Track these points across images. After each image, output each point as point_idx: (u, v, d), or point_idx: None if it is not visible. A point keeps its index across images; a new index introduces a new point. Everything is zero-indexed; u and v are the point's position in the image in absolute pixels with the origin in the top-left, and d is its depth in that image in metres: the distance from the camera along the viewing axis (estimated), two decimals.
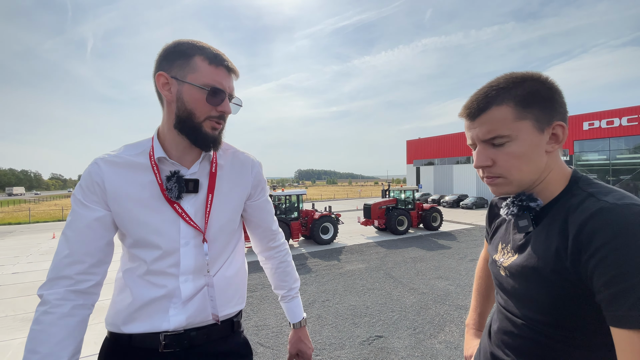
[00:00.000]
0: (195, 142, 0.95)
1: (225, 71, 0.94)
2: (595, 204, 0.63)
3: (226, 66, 0.94)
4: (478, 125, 0.74)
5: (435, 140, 37.00)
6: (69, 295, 0.86)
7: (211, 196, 1.01)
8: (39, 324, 0.82)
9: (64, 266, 0.87)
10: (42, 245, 13.09)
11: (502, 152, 0.72)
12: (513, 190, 0.76)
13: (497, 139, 0.71)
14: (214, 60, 0.91)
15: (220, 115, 0.95)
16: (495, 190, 0.77)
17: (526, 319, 0.73)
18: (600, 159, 23.84)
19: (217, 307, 0.99)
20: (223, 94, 0.93)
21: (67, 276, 0.86)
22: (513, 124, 0.70)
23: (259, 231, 1.20)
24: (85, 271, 0.89)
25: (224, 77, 0.94)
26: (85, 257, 0.89)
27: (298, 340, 1.24)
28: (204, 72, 0.90)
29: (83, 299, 0.88)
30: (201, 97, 0.91)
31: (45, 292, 0.85)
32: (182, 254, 0.96)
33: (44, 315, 0.82)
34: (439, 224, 14.69)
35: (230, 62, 0.96)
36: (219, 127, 0.97)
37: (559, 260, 0.65)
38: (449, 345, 4.37)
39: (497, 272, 0.84)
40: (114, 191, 0.93)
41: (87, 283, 0.89)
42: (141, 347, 0.94)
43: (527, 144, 0.70)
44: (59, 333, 0.82)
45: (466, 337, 1.12)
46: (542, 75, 0.72)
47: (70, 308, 0.85)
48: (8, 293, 6.95)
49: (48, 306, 0.83)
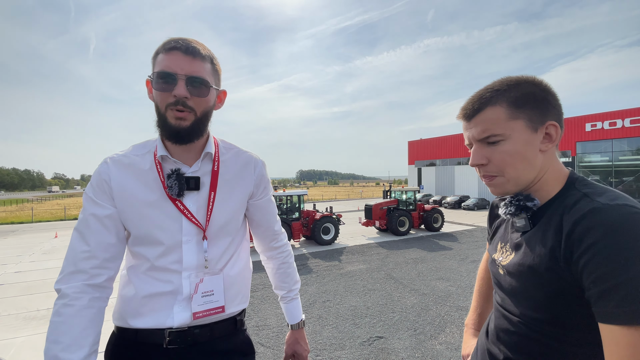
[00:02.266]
0: (167, 136, 0.94)
1: (179, 54, 0.89)
2: (588, 204, 0.65)
3: (179, 48, 0.89)
4: (474, 126, 0.77)
5: (437, 141, 36.94)
6: (86, 288, 0.89)
7: (213, 194, 1.02)
8: (59, 316, 0.84)
9: (80, 261, 0.90)
10: (44, 244, 13.13)
11: (497, 151, 0.75)
12: (511, 188, 0.77)
13: (491, 137, 0.74)
14: (166, 46, 0.90)
15: (176, 100, 0.89)
16: (494, 190, 0.79)
17: (522, 317, 0.75)
18: (602, 160, 23.74)
19: (222, 300, 1.01)
20: (172, 76, 0.88)
21: (83, 270, 0.89)
22: (506, 124, 0.73)
23: (261, 230, 1.20)
24: (100, 265, 0.92)
25: (176, 60, 0.88)
26: (99, 252, 0.92)
27: (295, 342, 1.25)
28: (159, 62, 0.90)
29: (99, 292, 0.91)
30: (154, 86, 0.91)
31: (62, 286, 0.88)
32: (185, 251, 0.98)
33: (64, 308, 0.85)
34: (440, 225, 14.67)
35: (191, 44, 0.90)
36: (182, 115, 0.91)
37: (553, 258, 0.67)
38: (449, 347, 4.36)
39: (495, 271, 0.86)
40: (119, 189, 0.96)
41: (102, 277, 0.92)
42: (146, 342, 0.96)
43: (521, 143, 0.73)
44: (79, 324, 0.85)
45: (465, 336, 1.13)
46: (537, 78, 0.75)
47: (88, 300, 0.88)
48: (10, 292, 6.99)
49: (67, 299, 0.86)
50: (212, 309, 1.00)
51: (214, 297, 1.00)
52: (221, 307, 1.01)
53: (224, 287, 1.03)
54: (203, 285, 0.99)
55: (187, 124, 0.92)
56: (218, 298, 1.01)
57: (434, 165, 37.01)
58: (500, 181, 0.77)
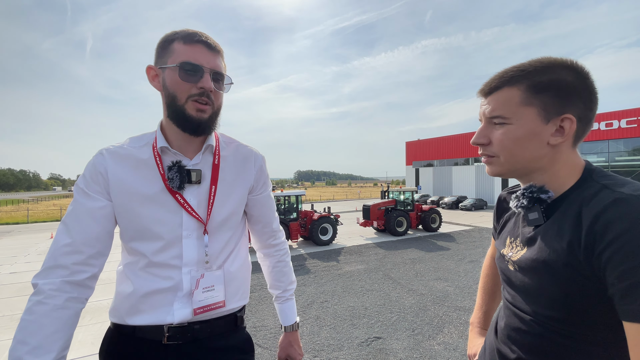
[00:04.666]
0: (183, 127, 0.93)
1: (203, 47, 0.91)
2: (610, 195, 0.61)
3: (203, 42, 0.90)
4: (487, 103, 0.75)
5: (434, 142, 37.05)
6: (64, 286, 0.83)
7: (214, 187, 1.00)
8: (31, 314, 0.79)
9: (62, 255, 0.85)
10: (40, 245, 13.03)
11: (499, 133, 0.73)
12: (503, 172, 0.76)
13: (498, 118, 0.72)
14: (188, 38, 0.90)
15: (201, 92, 0.90)
16: (488, 169, 0.79)
17: (535, 315, 0.71)
18: (599, 161, 23.88)
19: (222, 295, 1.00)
20: (200, 68, 0.89)
21: (64, 265, 0.84)
22: (516, 108, 0.70)
23: (259, 227, 1.18)
24: (83, 262, 0.87)
25: (201, 53, 0.90)
26: (84, 247, 0.87)
27: (288, 345, 1.22)
28: (180, 52, 0.89)
29: (78, 291, 0.86)
30: (177, 76, 0.89)
31: (40, 281, 0.82)
32: (185, 245, 0.96)
33: (37, 306, 0.80)
34: (438, 226, 14.69)
35: (210, 39, 0.92)
36: (204, 108, 0.92)
37: (571, 253, 0.63)
38: (447, 347, 4.36)
39: (504, 267, 0.82)
40: (116, 181, 0.92)
41: (84, 274, 0.87)
42: (145, 339, 0.94)
43: (525, 131, 0.70)
44: (50, 325, 0.79)
45: (470, 335, 1.10)
46: (575, 63, 0.68)
47: (64, 300, 0.82)
48: (5, 293, 6.92)
49: (42, 296, 0.81)
50: (213, 304, 0.98)
51: (214, 292, 0.98)
52: (222, 302, 1.00)
53: (224, 282, 1.01)
54: (204, 280, 0.97)
55: (206, 117, 0.93)
56: (219, 293, 0.99)
57: (431, 165, 37.11)
58: (495, 162, 0.76)
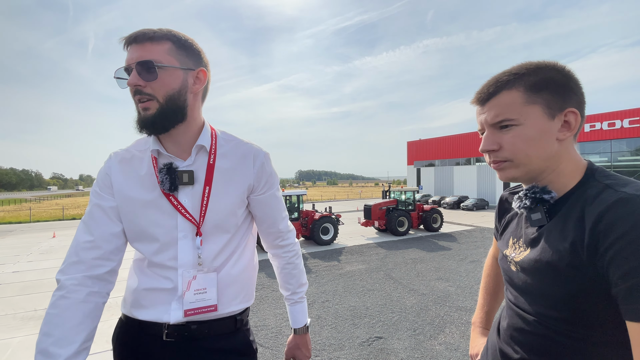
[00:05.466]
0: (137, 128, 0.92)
1: (132, 45, 0.88)
2: (613, 195, 0.61)
3: (131, 40, 0.87)
4: (487, 110, 0.74)
5: (436, 142, 36.99)
6: (86, 281, 0.88)
7: (208, 188, 0.99)
8: (55, 308, 0.84)
9: (82, 250, 0.90)
10: (42, 244, 13.08)
11: (509, 136, 0.71)
12: (519, 175, 0.74)
13: (505, 122, 0.71)
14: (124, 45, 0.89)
15: (135, 90, 0.88)
16: (501, 175, 0.76)
17: (538, 316, 0.71)
18: (601, 161, 23.78)
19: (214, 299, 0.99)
20: (127, 69, 0.88)
21: (84, 261, 0.89)
22: (521, 108, 0.70)
23: (264, 227, 1.15)
24: (102, 256, 0.92)
25: (129, 53, 0.88)
26: (102, 243, 0.92)
27: (295, 347, 1.22)
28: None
29: (98, 286, 0.91)
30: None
31: (62, 277, 0.88)
32: (180, 247, 0.97)
33: (61, 300, 0.85)
34: (439, 225, 14.67)
35: (141, 31, 0.87)
36: (146, 105, 0.88)
37: (575, 254, 0.63)
38: (449, 347, 4.35)
39: (507, 268, 0.82)
40: (117, 184, 0.98)
41: (103, 269, 0.92)
42: (148, 333, 0.98)
43: (535, 129, 0.69)
44: (73, 318, 0.84)
45: (472, 335, 1.11)
46: (558, 63, 0.71)
47: (85, 295, 0.87)
48: (8, 292, 6.96)
49: (65, 291, 0.86)
50: (204, 307, 0.97)
51: (206, 295, 0.98)
52: (213, 305, 0.98)
53: (219, 286, 1.00)
54: (196, 282, 0.97)
55: (151, 112, 0.88)
56: (211, 296, 0.98)
57: (433, 165, 37.04)
58: (509, 165, 0.73)
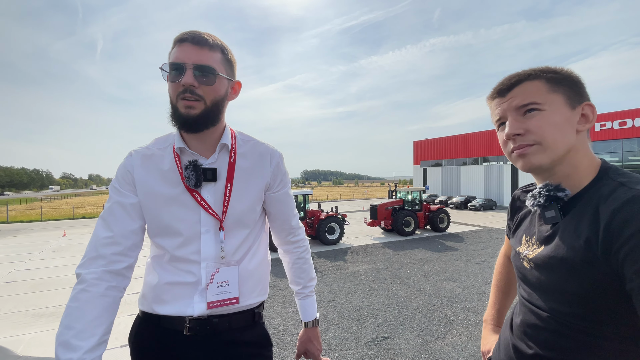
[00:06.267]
0: (179, 125, 0.96)
1: (189, 45, 0.92)
2: (627, 192, 0.62)
3: (189, 39, 0.92)
4: (511, 97, 0.76)
5: (442, 141, 36.73)
6: (105, 275, 0.91)
7: (230, 185, 1.04)
8: (75, 301, 0.86)
9: (102, 246, 0.93)
10: (53, 242, 13.30)
11: (536, 119, 0.73)
12: (545, 161, 0.72)
13: (532, 105, 0.73)
14: (178, 39, 0.94)
15: (184, 89, 0.91)
16: (525, 161, 0.74)
17: (552, 312, 0.72)
18: (612, 160, 23.38)
19: (236, 291, 1.03)
20: (181, 66, 0.91)
21: (104, 256, 0.92)
22: (547, 95, 0.72)
23: (277, 224, 1.20)
24: (121, 252, 0.95)
25: (185, 51, 0.91)
26: (121, 239, 0.95)
27: (307, 340, 1.25)
28: (171, 55, 0.94)
29: (117, 280, 0.93)
30: (167, 77, 0.94)
31: (83, 271, 0.90)
32: (203, 241, 1.01)
33: (81, 294, 0.87)
34: (446, 226, 14.58)
35: (201, 34, 0.93)
36: (192, 104, 0.92)
37: (589, 250, 0.64)
38: (456, 348, 4.32)
39: (520, 265, 0.83)
40: (141, 181, 1.00)
41: (121, 264, 0.94)
42: (168, 328, 1.00)
43: (560, 115, 0.72)
44: (93, 311, 0.86)
45: (484, 332, 1.11)
46: (565, 67, 0.76)
47: (104, 288, 0.90)
48: (20, 289, 7.09)
49: (85, 285, 0.88)
50: (226, 300, 1.01)
51: (228, 288, 1.02)
52: (235, 298, 1.03)
53: (239, 279, 1.04)
54: (219, 275, 1.01)
55: (196, 112, 0.93)
56: (233, 289, 1.03)
57: (439, 165, 36.79)
58: (537, 150, 0.72)
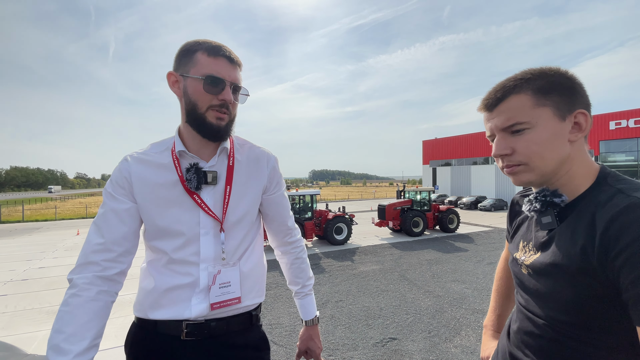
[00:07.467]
0: (203, 133, 1.00)
1: (225, 61, 0.97)
2: (624, 199, 0.60)
3: (226, 56, 0.97)
4: (496, 115, 0.74)
5: (452, 141, 36.31)
6: (96, 280, 0.91)
7: (229, 188, 1.06)
8: (66, 305, 0.87)
9: (93, 253, 0.93)
10: (67, 241, 13.62)
11: (522, 140, 0.71)
12: (534, 178, 0.73)
13: (516, 125, 0.71)
14: (212, 51, 0.96)
15: (222, 103, 0.97)
16: (515, 179, 0.75)
17: (548, 319, 0.71)
18: (627, 160, 22.77)
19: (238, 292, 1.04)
20: (222, 81, 0.96)
21: (95, 262, 0.93)
22: (532, 111, 0.69)
23: (274, 225, 1.22)
24: (113, 259, 0.95)
25: (224, 67, 0.96)
26: (113, 246, 0.95)
27: (308, 338, 1.26)
28: (203, 63, 0.95)
29: (108, 285, 0.94)
30: (200, 87, 0.95)
31: (74, 276, 0.91)
32: (202, 243, 1.02)
33: (72, 298, 0.88)
34: (456, 226, 14.40)
35: (232, 53, 0.99)
36: (223, 116, 0.99)
37: (585, 258, 0.63)
38: (465, 350, 4.27)
39: (517, 271, 0.83)
40: (139, 185, 1.00)
41: (113, 270, 0.95)
42: (165, 334, 1.00)
43: (548, 131, 0.69)
44: (84, 315, 0.87)
45: (484, 338, 1.10)
46: (561, 68, 0.72)
47: (95, 293, 0.90)
48: (35, 287, 7.27)
49: (76, 289, 0.89)
50: (229, 300, 1.03)
51: (230, 289, 1.03)
52: (237, 298, 1.04)
53: (240, 279, 1.05)
54: (220, 276, 1.02)
55: (224, 124, 1.00)
56: (235, 289, 1.04)
57: (449, 165, 36.38)
58: (524, 169, 0.72)
